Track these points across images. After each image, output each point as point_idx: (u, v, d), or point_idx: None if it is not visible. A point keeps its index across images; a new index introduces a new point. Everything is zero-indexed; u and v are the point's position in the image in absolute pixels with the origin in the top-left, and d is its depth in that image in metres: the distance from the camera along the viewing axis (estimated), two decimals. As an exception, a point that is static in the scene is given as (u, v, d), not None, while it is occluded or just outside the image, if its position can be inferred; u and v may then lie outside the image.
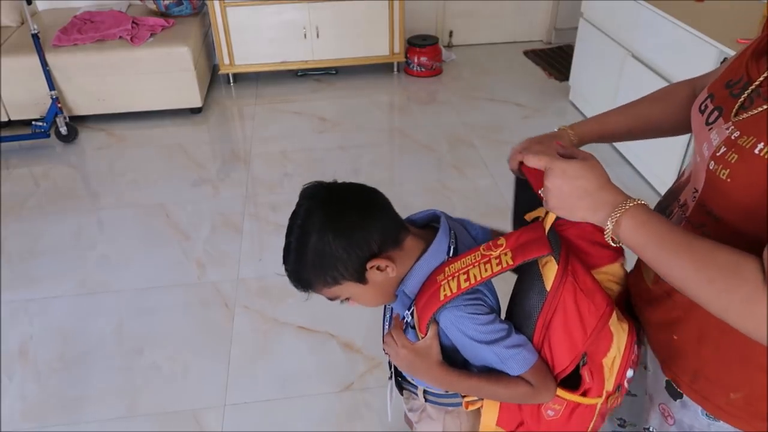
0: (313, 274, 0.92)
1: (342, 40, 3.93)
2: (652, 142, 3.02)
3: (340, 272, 0.91)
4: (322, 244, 0.88)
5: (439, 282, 0.91)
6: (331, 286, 0.93)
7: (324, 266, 0.91)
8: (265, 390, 1.96)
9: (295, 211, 0.92)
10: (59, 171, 3.24)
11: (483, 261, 0.88)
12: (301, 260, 0.91)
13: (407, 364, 0.97)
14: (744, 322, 0.64)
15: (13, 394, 1.98)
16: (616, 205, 0.78)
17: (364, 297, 0.97)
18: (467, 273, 0.88)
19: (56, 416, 1.90)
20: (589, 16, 3.37)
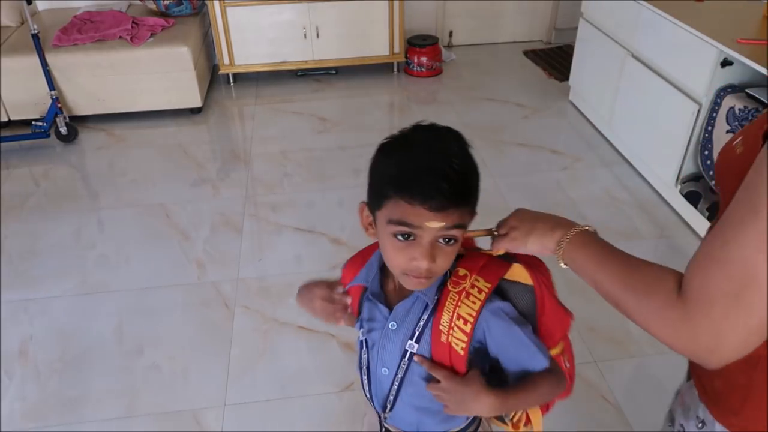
0: (476, 185, 0.84)
1: (342, 40, 3.93)
2: (652, 143, 3.03)
3: (477, 202, 0.85)
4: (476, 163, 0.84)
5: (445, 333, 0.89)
6: (470, 213, 0.84)
7: (478, 185, 0.85)
8: (265, 390, 1.96)
9: (434, 130, 0.86)
10: (59, 171, 3.24)
11: (464, 296, 0.88)
12: (473, 165, 0.84)
13: (458, 400, 0.88)
14: (660, 329, 0.68)
15: (13, 394, 1.98)
16: (563, 234, 0.90)
17: (457, 250, 0.85)
18: (460, 317, 0.87)
19: (56, 416, 1.90)
20: (589, 16, 3.37)
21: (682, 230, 2.64)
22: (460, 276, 0.89)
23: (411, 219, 0.79)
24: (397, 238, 0.81)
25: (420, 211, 0.78)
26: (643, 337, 2.12)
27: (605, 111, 3.26)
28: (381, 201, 0.82)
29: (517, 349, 0.90)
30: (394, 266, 0.85)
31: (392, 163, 0.82)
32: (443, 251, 0.82)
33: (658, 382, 1.96)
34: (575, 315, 1.04)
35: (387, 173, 0.82)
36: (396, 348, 0.93)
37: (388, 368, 0.95)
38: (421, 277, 0.83)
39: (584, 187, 2.96)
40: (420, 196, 0.77)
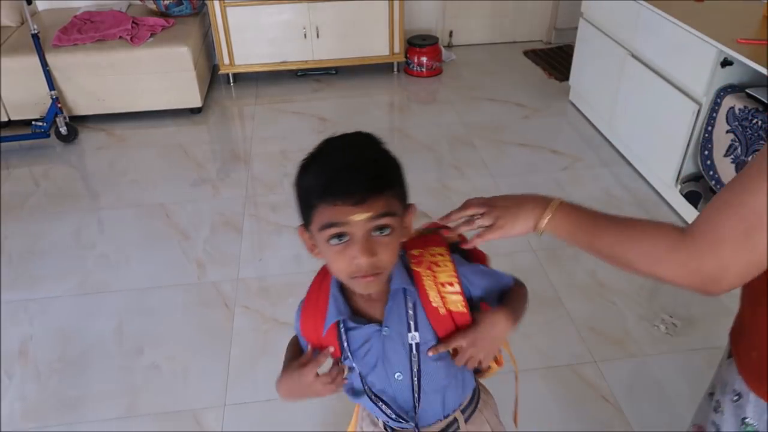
0: (395, 174, 0.86)
1: (342, 40, 3.93)
2: (652, 143, 3.03)
3: (405, 191, 0.88)
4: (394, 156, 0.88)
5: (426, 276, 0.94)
6: (398, 199, 0.85)
7: (401, 174, 0.87)
8: (265, 390, 1.96)
9: (343, 137, 0.88)
10: (59, 171, 3.24)
11: (434, 267, 0.94)
12: (387, 155, 0.87)
13: (485, 344, 0.94)
14: (668, 269, 0.78)
15: (13, 394, 1.98)
16: (544, 208, 0.98)
17: (397, 241, 0.85)
18: (444, 284, 0.93)
19: (56, 416, 1.90)
20: (589, 16, 3.37)
21: (682, 230, 2.63)
22: (416, 255, 0.94)
23: (337, 218, 0.80)
24: (333, 243, 0.82)
25: (343, 209, 0.79)
26: (643, 337, 2.12)
27: (605, 111, 3.26)
28: (310, 213, 0.83)
29: (491, 281, 1.00)
30: (340, 273, 0.85)
31: (310, 176, 0.84)
32: (381, 243, 0.82)
33: (658, 382, 1.96)
34: (574, 314, 1.06)
35: (307, 186, 0.84)
36: (399, 349, 0.94)
37: (402, 372, 0.96)
38: (367, 276, 0.83)
39: (584, 187, 2.96)
40: (339, 193, 0.79)
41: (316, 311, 0.96)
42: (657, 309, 2.24)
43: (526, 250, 2.51)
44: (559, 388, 1.95)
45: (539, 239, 2.76)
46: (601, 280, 2.37)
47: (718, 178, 2.37)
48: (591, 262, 2.46)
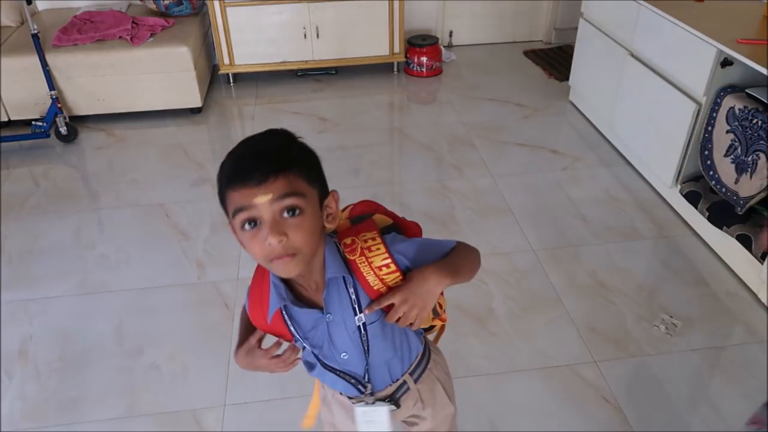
0: (299, 156, 0.90)
1: (342, 40, 3.93)
2: (651, 143, 3.04)
3: (316, 175, 0.91)
4: (305, 145, 0.93)
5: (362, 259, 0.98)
6: (302, 178, 0.87)
7: (309, 158, 0.92)
8: (265, 390, 1.97)
9: (255, 135, 0.93)
10: (59, 171, 3.24)
11: (367, 252, 0.97)
12: (293, 140, 0.92)
13: (417, 299, 0.96)
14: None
15: (13, 394, 1.98)
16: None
17: (310, 222, 0.87)
18: (380, 267, 0.97)
19: (56, 416, 1.90)
20: (589, 16, 3.37)
21: (682, 230, 2.64)
22: (349, 244, 0.98)
23: (242, 201, 0.83)
24: (246, 229, 0.85)
25: (246, 191, 0.83)
26: (643, 337, 2.12)
27: (605, 111, 3.26)
28: (225, 205, 0.88)
29: (432, 249, 1.02)
30: (258, 258, 0.88)
31: (220, 171, 0.88)
32: (291, 224, 0.85)
33: (658, 382, 1.96)
34: (574, 314, 1.06)
35: (219, 181, 0.88)
36: (343, 333, 1.00)
37: (347, 352, 1.03)
38: (283, 257, 0.85)
39: (584, 187, 2.96)
40: (239, 178, 0.83)
41: (261, 299, 1.01)
42: (657, 309, 2.24)
43: (526, 250, 2.51)
44: (559, 388, 1.95)
45: (539, 239, 2.76)
46: (601, 280, 2.37)
47: (718, 178, 2.37)
48: (591, 262, 2.46)
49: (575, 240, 2.59)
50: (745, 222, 2.28)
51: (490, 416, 1.85)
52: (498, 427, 1.83)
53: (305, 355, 1.07)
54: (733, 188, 2.29)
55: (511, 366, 2.01)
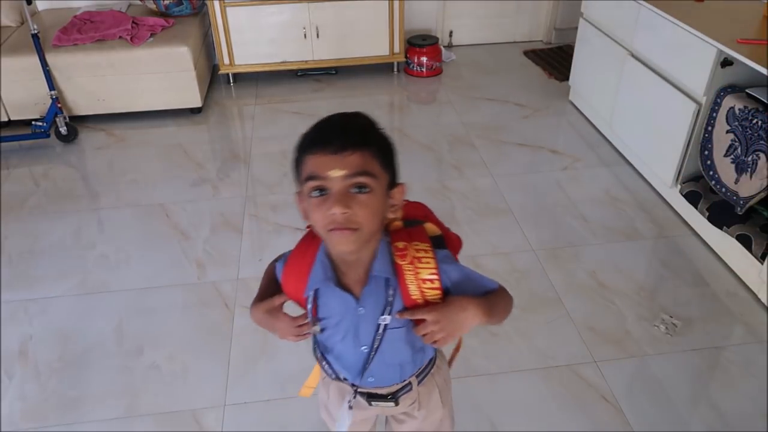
0: (379, 140, 0.92)
1: (342, 40, 3.92)
2: (652, 143, 3.04)
3: (390, 161, 0.93)
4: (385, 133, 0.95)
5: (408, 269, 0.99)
6: (377, 161, 0.90)
7: (387, 145, 0.94)
8: (265, 390, 1.97)
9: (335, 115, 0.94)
10: (59, 171, 3.24)
11: (416, 263, 0.98)
12: (375, 125, 0.94)
13: (449, 323, 0.97)
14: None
15: (13, 394, 1.98)
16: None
17: (376, 203, 0.90)
18: (425, 280, 0.98)
19: (56, 416, 1.90)
20: (589, 16, 3.37)
21: (682, 230, 2.64)
22: (401, 248, 0.99)
23: (317, 170, 0.87)
24: (314, 196, 0.88)
25: (323, 159, 0.86)
26: (643, 337, 2.12)
27: (605, 111, 3.26)
28: (299, 171, 0.91)
29: (473, 282, 1.04)
30: (318, 226, 0.90)
31: (301, 138, 0.92)
32: (357, 199, 0.87)
33: (658, 382, 1.96)
34: (574, 314, 1.07)
35: (298, 146, 0.92)
36: (369, 327, 1.02)
37: (367, 345, 1.04)
38: (343, 229, 0.87)
39: (584, 187, 2.96)
40: (319, 143, 0.87)
41: (300, 272, 1.02)
42: (657, 309, 2.24)
43: (526, 250, 2.51)
44: (559, 388, 1.95)
45: (539, 239, 2.76)
46: (601, 280, 2.37)
47: (718, 178, 2.37)
48: (591, 262, 2.46)
49: (575, 240, 2.59)
50: (745, 222, 2.28)
51: (490, 416, 1.85)
52: (498, 427, 1.83)
53: (319, 337, 1.09)
54: (733, 188, 2.29)
55: (511, 366, 2.01)
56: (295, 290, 1.04)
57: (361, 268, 0.98)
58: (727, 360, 2.05)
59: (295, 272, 1.04)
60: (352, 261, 0.97)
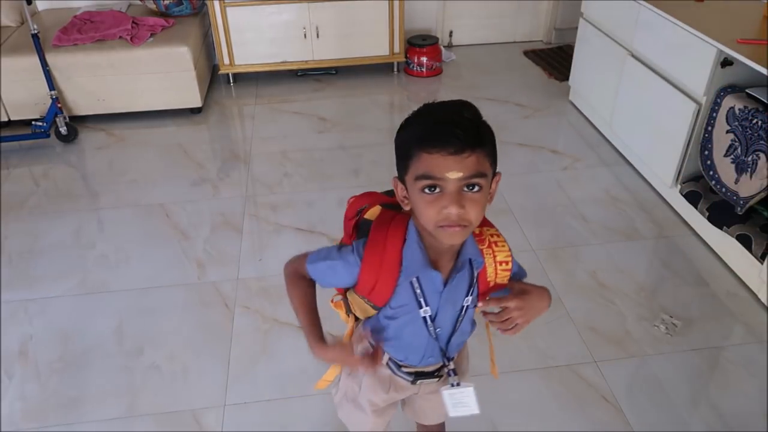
0: (489, 136, 0.92)
1: (342, 40, 3.93)
2: (652, 143, 3.04)
3: (496, 156, 0.94)
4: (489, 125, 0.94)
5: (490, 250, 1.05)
6: (489, 159, 0.91)
7: (494, 139, 0.94)
8: (265, 390, 1.97)
9: (447, 101, 0.94)
10: (59, 171, 3.24)
11: (494, 246, 1.05)
12: (484, 120, 0.93)
13: (532, 309, 1.02)
14: None
15: (13, 394, 1.98)
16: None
17: (485, 199, 0.92)
18: (501, 262, 1.05)
19: (56, 416, 1.90)
20: (589, 16, 3.37)
21: (682, 230, 2.64)
22: (477, 233, 1.04)
23: (434, 171, 0.86)
24: (426, 193, 0.89)
25: (440, 160, 0.86)
26: (643, 337, 2.12)
27: (605, 111, 3.26)
28: (407, 163, 0.90)
29: (521, 270, 1.15)
30: (428, 221, 0.91)
31: (412, 128, 0.91)
32: (470, 198, 0.89)
33: (658, 382, 1.96)
34: (574, 314, 1.09)
35: (409, 136, 0.90)
36: (451, 310, 1.06)
37: (442, 328, 1.09)
38: (454, 226, 0.89)
39: (584, 187, 2.96)
40: (438, 143, 0.85)
41: (382, 259, 1.00)
42: (657, 309, 2.24)
43: (527, 250, 2.51)
44: (559, 388, 1.95)
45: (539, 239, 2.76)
46: (601, 280, 2.37)
47: (718, 178, 2.37)
48: (591, 262, 2.46)
49: (575, 240, 2.59)
50: (745, 222, 2.28)
51: (490, 416, 1.85)
52: (498, 427, 1.83)
53: (397, 325, 1.08)
54: (733, 188, 2.29)
55: (511, 366, 2.01)
56: (375, 279, 1.02)
57: (450, 254, 1.01)
58: (727, 360, 2.05)
59: (374, 269, 1.01)
60: (445, 247, 0.98)
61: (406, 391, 1.24)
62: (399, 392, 1.24)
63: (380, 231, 1.01)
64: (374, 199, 1.10)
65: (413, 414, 1.37)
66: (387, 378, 1.21)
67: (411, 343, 1.12)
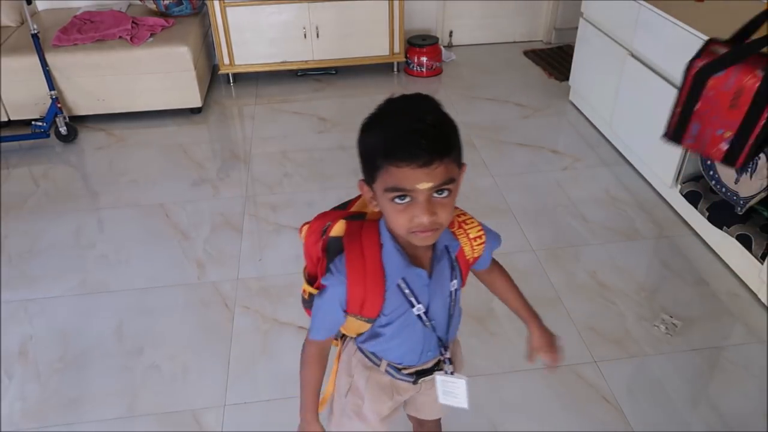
0: (454, 138, 0.91)
1: (342, 40, 3.93)
2: (652, 143, 3.03)
3: (461, 153, 0.93)
4: (452, 119, 0.92)
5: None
6: (456, 162, 0.91)
7: (458, 137, 0.92)
8: (265, 390, 1.97)
9: (405, 98, 0.94)
10: (59, 171, 3.23)
11: (464, 225, 1.08)
12: (446, 116, 0.92)
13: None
14: None
15: (13, 394, 1.98)
16: None
17: (454, 199, 0.94)
18: (474, 238, 1.08)
19: (56, 416, 1.90)
20: (589, 16, 3.37)
21: (682, 230, 2.64)
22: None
23: (403, 183, 0.86)
24: (397, 202, 0.89)
25: (409, 173, 0.85)
26: (643, 337, 2.12)
27: (605, 111, 3.26)
28: (374, 173, 0.90)
29: (491, 243, 1.14)
30: (399, 228, 0.92)
31: (375, 136, 0.89)
32: (440, 203, 0.90)
33: (658, 382, 1.96)
34: (574, 314, 1.10)
35: (373, 146, 0.89)
36: (439, 298, 1.07)
37: (436, 319, 1.09)
38: (427, 231, 0.91)
39: (584, 187, 2.96)
40: (405, 157, 0.84)
41: (365, 271, 0.99)
42: (657, 309, 2.24)
43: (526, 250, 2.51)
44: (559, 388, 1.95)
45: (539, 239, 2.76)
46: (601, 280, 2.37)
47: (718, 178, 2.37)
48: (591, 262, 2.46)
49: (575, 240, 2.59)
50: (745, 222, 2.28)
51: (490, 416, 1.85)
52: (498, 427, 1.83)
53: (393, 330, 1.08)
54: (733, 188, 2.29)
55: (511, 366, 2.01)
56: (363, 292, 1.00)
57: (427, 246, 1.01)
58: (727, 360, 2.05)
59: (359, 281, 0.99)
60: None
61: (409, 392, 1.24)
62: (402, 394, 1.24)
63: (354, 243, 1.00)
64: (332, 216, 1.06)
65: (414, 410, 1.37)
66: (388, 384, 1.21)
67: (409, 342, 1.12)
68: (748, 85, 0.98)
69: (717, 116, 1.05)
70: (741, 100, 1.01)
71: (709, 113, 1.07)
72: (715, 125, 1.06)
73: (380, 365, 1.18)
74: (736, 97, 1.02)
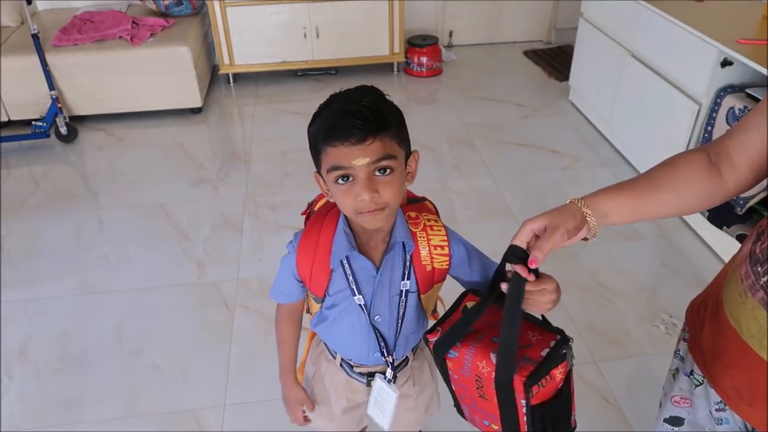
0: (392, 118, 0.94)
1: (342, 40, 3.93)
2: (652, 143, 3.02)
3: (405, 135, 0.96)
4: (395, 105, 0.96)
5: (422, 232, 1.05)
6: (395, 140, 0.93)
7: (400, 119, 0.96)
8: (265, 390, 1.97)
9: (347, 90, 0.96)
10: (59, 171, 3.23)
11: (429, 230, 1.05)
12: (385, 100, 0.96)
13: (556, 300, 0.94)
14: (707, 204, 1.00)
15: (13, 394, 1.98)
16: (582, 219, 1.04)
17: (399, 179, 0.94)
18: (436, 246, 1.05)
19: (56, 416, 1.90)
20: (589, 16, 3.37)
21: (682, 230, 2.64)
22: (413, 217, 1.06)
23: (341, 161, 0.89)
24: (340, 183, 0.91)
25: (345, 150, 0.88)
26: (643, 337, 2.12)
27: (605, 111, 3.26)
28: (318, 158, 0.94)
29: (480, 261, 1.09)
30: (347, 209, 0.94)
31: (316, 124, 0.93)
32: (382, 182, 0.91)
33: (658, 382, 1.96)
34: (574, 314, 1.08)
35: (314, 133, 0.93)
36: (385, 295, 1.06)
37: (381, 315, 1.08)
38: (373, 211, 0.92)
39: (584, 187, 2.95)
40: (339, 136, 0.88)
41: (316, 246, 1.05)
42: (657, 309, 2.24)
43: (526, 250, 2.51)
44: (559, 388, 1.94)
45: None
46: (601, 280, 2.37)
47: (718, 178, 2.37)
48: (591, 262, 2.46)
49: (575, 240, 2.58)
50: (745, 222, 2.28)
51: (490, 416, 1.85)
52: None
53: (337, 314, 1.10)
54: (733, 188, 2.29)
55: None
56: (311, 265, 1.06)
57: (380, 236, 1.02)
58: (727, 360, 2.05)
59: (310, 248, 1.05)
60: (374, 230, 1.00)
61: (362, 395, 1.22)
62: (356, 396, 1.22)
63: (317, 220, 1.07)
64: None
65: None
66: (344, 382, 1.21)
67: (354, 335, 1.12)
68: (485, 374, 0.86)
69: (474, 404, 0.95)
70: (486, 390, 0.90)
71: (465, 399, 0.96)
72: (479, 415, 0.95)
73: (336, 359, 1.20)
74: (480, 386, 0.90)
